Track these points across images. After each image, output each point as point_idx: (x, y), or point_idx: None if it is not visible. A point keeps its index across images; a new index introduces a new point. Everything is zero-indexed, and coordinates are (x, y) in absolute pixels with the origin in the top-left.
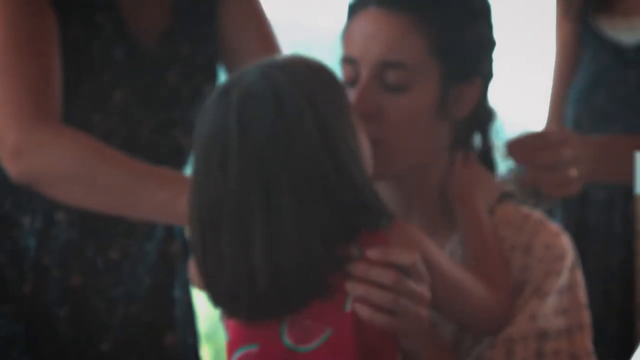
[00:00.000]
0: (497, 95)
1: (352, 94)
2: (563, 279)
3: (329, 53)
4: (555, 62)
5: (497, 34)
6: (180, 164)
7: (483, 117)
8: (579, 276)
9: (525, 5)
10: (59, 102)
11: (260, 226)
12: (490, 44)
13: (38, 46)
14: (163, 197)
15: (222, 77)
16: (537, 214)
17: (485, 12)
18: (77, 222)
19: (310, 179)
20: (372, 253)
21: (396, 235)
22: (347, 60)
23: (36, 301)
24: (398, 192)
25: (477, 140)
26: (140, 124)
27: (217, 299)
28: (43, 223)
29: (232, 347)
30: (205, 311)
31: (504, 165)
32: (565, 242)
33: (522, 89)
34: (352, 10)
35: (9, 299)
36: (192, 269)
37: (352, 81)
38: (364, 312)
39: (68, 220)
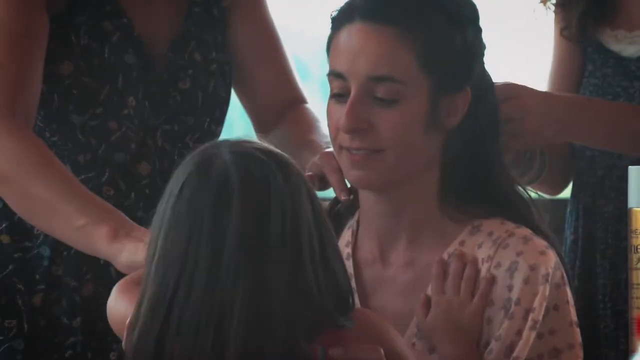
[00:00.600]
0: None
1: (342, 109)
2: (548, 300)
3: (316, 60)
4: (552, 74)
5: (496, 34)
6: None
7: (477, 123)
8: (567, 293)
9: (525, 5)
10: (32, 103)
11: (240, 303)
12: (479, 50)
13: (23, 45)
14: (79, 221)
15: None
16: (523, 229)
17: (473, 18)
18: None
19: (304, 255)
20: (337, 352)
21: (359, 328)
22: (335, 76)
23: (45, 313)
24: (388, 204)
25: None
26: (154, 131)
27: None
28: None
29: None
30: None
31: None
32: (551, 259)
33: None
34: (337, 24)
35: (14, 314)
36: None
37: (341, 95)
38: None
39: None
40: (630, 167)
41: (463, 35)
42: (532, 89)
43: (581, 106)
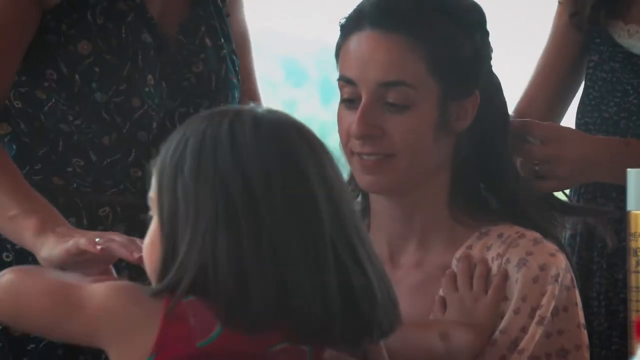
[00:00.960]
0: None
1: (353, 115)
2: (558, 300)
3: (314, 63)
4: (544, 61)
5: (499, 33)
6: None
7: (486, 126)
8: (576, 295)
9: (527, 4)
10: None
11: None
12: (487, 53)
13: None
14: (12, 211)
15: None
16: (534, 232)
17: (480, 23)
18: (123, 217)
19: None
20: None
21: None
22: (346, 81)
23: None
24: (399, 208)
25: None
26: (172, 113)
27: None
28: (89, 220)
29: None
30: None
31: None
32: (561, 261)
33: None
34: (346, 31)
35: None
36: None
37: (352, 101)
38: None
39: (113, 215)
40: (629, 170)
41: (471, 41)
42: (574, 133)
43: (617, 148)
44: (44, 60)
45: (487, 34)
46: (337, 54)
